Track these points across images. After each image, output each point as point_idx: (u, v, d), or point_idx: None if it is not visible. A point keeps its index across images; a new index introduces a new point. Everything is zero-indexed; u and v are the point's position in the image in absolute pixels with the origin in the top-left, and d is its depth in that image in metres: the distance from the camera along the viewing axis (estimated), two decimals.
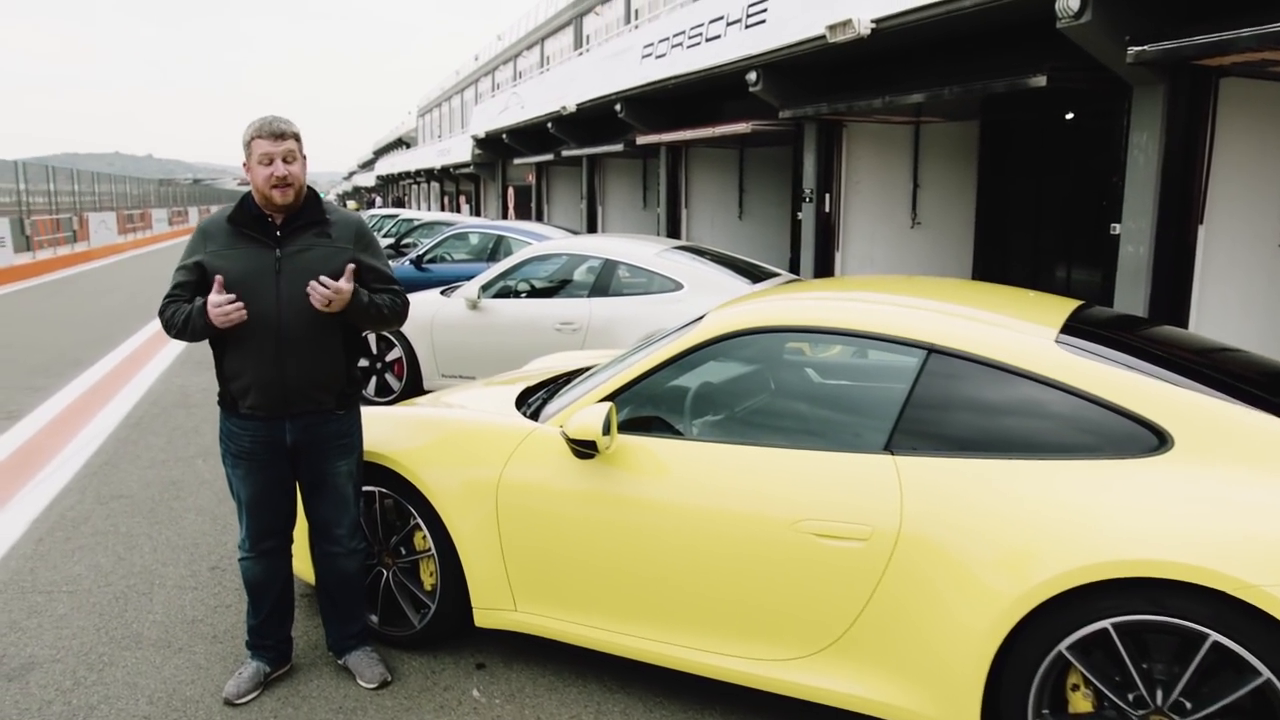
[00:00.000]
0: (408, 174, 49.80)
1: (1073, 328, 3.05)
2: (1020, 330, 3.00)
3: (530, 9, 36.37)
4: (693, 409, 3.49)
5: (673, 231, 17.45)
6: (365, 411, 3.57)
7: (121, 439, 6.88)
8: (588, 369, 4.38)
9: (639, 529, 3.14)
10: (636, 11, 24.83)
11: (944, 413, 2.88)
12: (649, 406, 3.42)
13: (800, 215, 13.15)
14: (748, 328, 3.26)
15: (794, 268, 13.49)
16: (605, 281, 7.34)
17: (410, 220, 19.05)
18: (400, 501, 3.64)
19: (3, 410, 7.81)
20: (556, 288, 7.81)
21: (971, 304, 3.37)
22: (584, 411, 3.16)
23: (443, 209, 42.36)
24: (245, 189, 3.33)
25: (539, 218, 26.05)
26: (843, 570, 2.81)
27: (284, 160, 3.17)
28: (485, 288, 7.60)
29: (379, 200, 62.77)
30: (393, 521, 3.75)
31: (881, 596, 2.75)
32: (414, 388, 7.69)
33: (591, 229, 21.44)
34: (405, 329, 7.62)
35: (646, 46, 15.65)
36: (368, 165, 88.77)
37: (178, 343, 8.58)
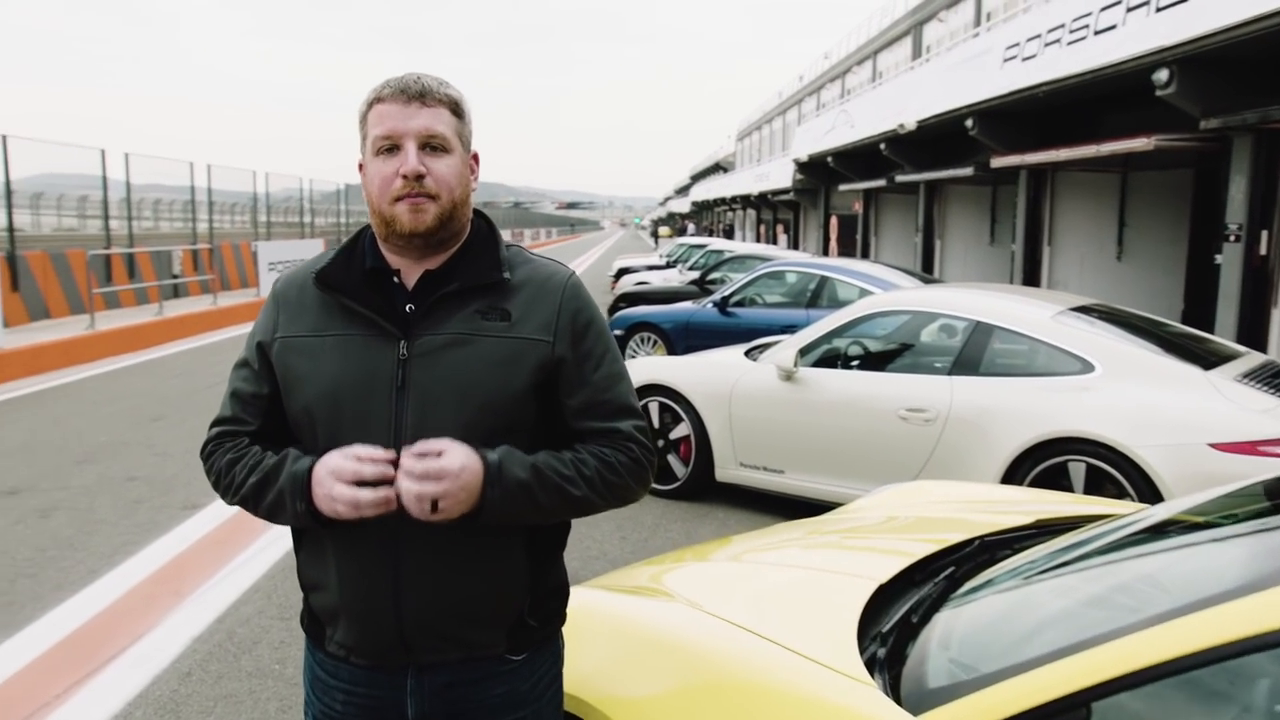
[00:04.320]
0: (723, 200, 48.92)
1: None
2: None
3: (861, 21, 34.07)
4: None
5: (1030, 274, 14.49)
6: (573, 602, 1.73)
7: None
8: (972, 545, 2.26)
9: None
10: (989, 14, 21.81)
11: None
12: None
13: (1219, 258, 10.02)
14: None
15: (1200, 325, 10.34)
16: (975, 353, 5.11)
17: (720, 252, 17.49)
18: None
19: None
20: (901, 355, 5.67)
21: None
22: None
23: (759, 239, 40.90)
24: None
25: (864, 253, 23.58)
26: None
27: (422, 147, 1.46)
28: (805, 351, 5.60)
29: (691, 227, 62.18)
30: None
31: None
32: (704, 475, 5.85)
33: (927, 267, 18.66)
34: (696, 399, 5.81)
35: (1010, 47, 13.00)
36: (683, 190, 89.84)
37: None
